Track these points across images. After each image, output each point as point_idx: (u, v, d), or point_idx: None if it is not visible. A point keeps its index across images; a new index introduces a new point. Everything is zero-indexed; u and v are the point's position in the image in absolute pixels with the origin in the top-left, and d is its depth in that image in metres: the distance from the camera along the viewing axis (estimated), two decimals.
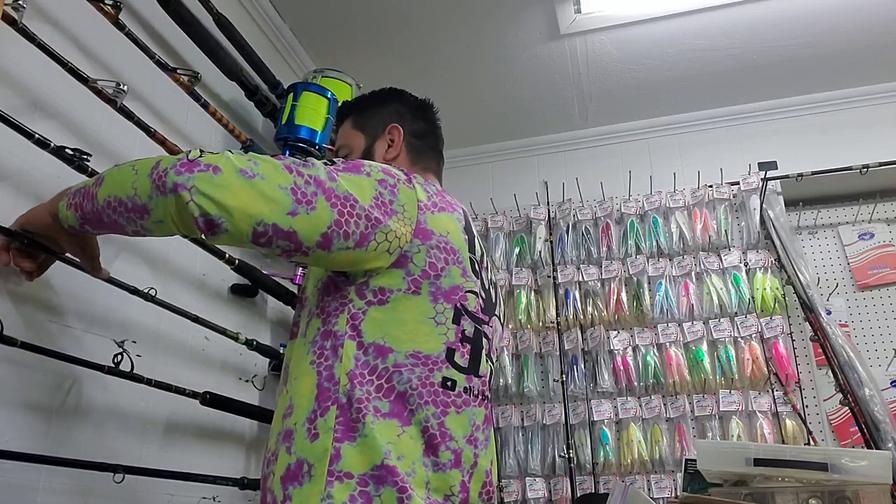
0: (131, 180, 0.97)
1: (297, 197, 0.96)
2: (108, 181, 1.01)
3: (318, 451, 0.95)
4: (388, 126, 1.32)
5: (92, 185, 1.04)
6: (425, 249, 1.06)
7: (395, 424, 0.98)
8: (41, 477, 1.30)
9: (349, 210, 1.00)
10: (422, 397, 1.01)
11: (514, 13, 2.49)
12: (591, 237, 2.90)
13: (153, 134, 1.64)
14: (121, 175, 1.00)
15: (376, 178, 1.05)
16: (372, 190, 1.04)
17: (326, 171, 1.01)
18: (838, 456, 1.54)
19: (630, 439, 2.59)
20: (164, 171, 0.93)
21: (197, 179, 0.91)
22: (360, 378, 0.99)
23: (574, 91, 2.91)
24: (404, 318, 1.03)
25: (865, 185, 2.80)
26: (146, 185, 0.94)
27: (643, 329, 2.73)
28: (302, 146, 2.22)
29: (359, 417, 0.96)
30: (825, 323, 2.50)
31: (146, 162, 0.98)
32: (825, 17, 2.51)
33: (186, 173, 0.91)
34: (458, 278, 1.09)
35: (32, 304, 1.34)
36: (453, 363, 1.06)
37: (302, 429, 0.98)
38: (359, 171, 1.05)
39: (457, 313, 1.08)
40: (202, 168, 0.92)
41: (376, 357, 1.01)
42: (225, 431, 1.93)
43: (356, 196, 1.01)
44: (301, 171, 0.98)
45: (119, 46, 1.62)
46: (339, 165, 1.05)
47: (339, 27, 2.56)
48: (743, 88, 2.90)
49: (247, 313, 2.13)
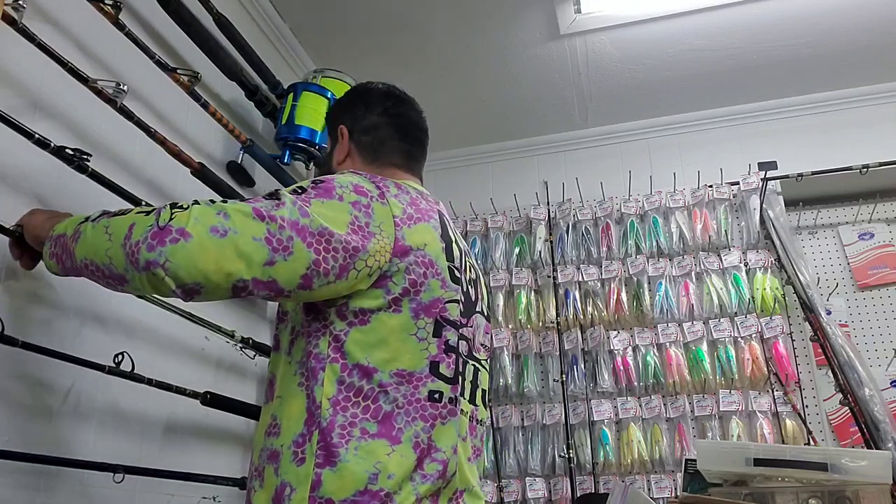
0: (105, 247, 0.94)
1: (273, 246, 0.93)
2: (83, 242, 0.98)
3: (300, 476, 0.95)
4: (339, 127, 1.31)
5: (70, 238, 1.01)
6: (404, 266, 1.04)
7: (385, 444, 0.98)
8: (41, 477, 1.30)
9: (325, 246, 0.97)
10: (409, 414, 1.01)
11: (514, 13, 2.49)
12: (591, 237, 2.90)
13: (153, 134, 1.64)
14: (95, 238, 0.96)
15: (349, 202, 1.03)
16: (346, 215, 1.01)
17: (298, 206, 0.98)
18: (838, 456, 1.55)
19: (630, 439, 2.59)
20: (136, 245, 0.90)
21: (169, 253, 0.88)
22: (345, 401, 0.99)
23: (574, 91, 2.91)
24: (386, 338, 1.02)
25: (865, 185, 2.80)
26: (120, 257, 0.92)
27: (643, 329, 2.73)
28: (302, 146, 2.22)
29: (340, 443, 0.96)
30: (825, 323, 2.50)
31: (119, 225, 0.94)
32: (825, 17, 2.51)
33: (158, 247, 0.88)
34: (437, 290, 1.07)
35: (33, 304, 1.34)
36: (439, 375, 1.05)
37: (288, 452, 0.98)
38: (330, 195, 1.02)
39: (437, 326, 1.07)
40: (173, 237, 0.88)
41: (361, 378, 1.00)
42: (225, 431, 1.93)
43: (331, 228, 0.98)
44: (273, 216, 0.94)
45: (119, 46, 1.62)
46: (310, 192, 1.02)
47: (339, 27, 2.56)
48: (743, 88, 2.90)
49: (247, 313, 2.13)
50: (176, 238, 0.88)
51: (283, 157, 2.22)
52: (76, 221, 1.03)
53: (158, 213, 0.92)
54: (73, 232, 1.01)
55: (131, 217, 0.95)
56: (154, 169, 1.74)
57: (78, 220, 1.04)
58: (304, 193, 1.02)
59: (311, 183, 1.05)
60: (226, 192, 1.94)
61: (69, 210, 1.45)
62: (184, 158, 1.75)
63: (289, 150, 2.23)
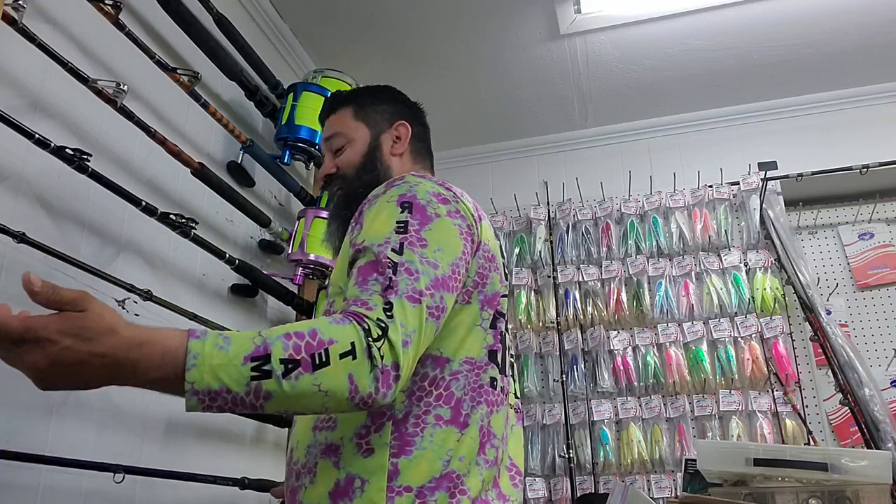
0: (321, 402, 0.85)
1: (435, 315, 0.96)
2: (282, 400, 0.83)
3: (372, 467, 0.96)
4: (396, 122, 1.29)
5: (247, 395, 0.80)
6: (475, 261, 1.08)
7: (454, 430, 1.00)
8: (41, 477, 1.30)
9: (458, 276, 1.02)
10: (474, 399, 1.04)
11: (514, 13, 2.49)
12: (591, 237, 2.90)
13: (153, 134, 1.64)
14: (303, 396, 0.84)
15: (447, 216, 1.05)
16: (453, 227, 1.04)
17: (423, 258, 0.97)
18: (838, 456, 1.54)
19: (630, 439, 2.59)
20: (369, 397, 0.87)
21: (395, 389, 0.90)
22: (419, 391, 1.01)
23: (574, 91, 2.92)
24: (456, 328, 1.05)
25: (865, 185, 2.80)
26: (345, 407, 0.88)
27: (643, 329, 2.73)
28: (302, 146, 2.22)
29: (416, 431, 0.98)
30: (825, 323, 2.50)
31: (333, 379, 0.84)
32: (825, 17, 2.51)
33: (388, 391, 0.88)
34: (497, 284, 1.12)
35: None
36: (496, 362, 1.09)
37: (350, 444, 0.98)
38: (431, 219, 1.02)
39: (495, 317, 1.11)
40: (395, 376, 0.89)
41: (434, 368, 1.03)
42: (225, 431, 1.93)
43: (455, 256, 1.02)
44: (421, 290, 0.94)
45: (119, 46, 1.62)
46: (413, 225, 1.00)
47: (339, 27, 2.56)
48: (743, 88, 2.90)
49: (246, 313, 2.13)
50: (397, 376, 0.90)
51: (283, 157, 2.22)
52: (232, 372, 0.79)
53: (370, 356, 0.86)
54: (249, 389, 0.80)
55: (340, 366, 0.85)
56: (154, 169, 1.74)
57: (230, 367, 0.79)
58: (409, 231, 1.00)
59: (398, 208, 1.03)
60: (226, 192, 1.94)
61: (70, 209, 1.45)
62: (184, 158, 1.75)
63: (289, 150, 2.23)
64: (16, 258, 1.30)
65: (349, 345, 0.85)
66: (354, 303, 0.92)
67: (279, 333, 0.83)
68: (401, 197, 1.05)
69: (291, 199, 2.46)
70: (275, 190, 2.37)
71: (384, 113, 1.31)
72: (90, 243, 1.52)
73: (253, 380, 0.79)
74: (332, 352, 0.84)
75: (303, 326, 0.85)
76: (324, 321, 0.87)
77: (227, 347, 0.80)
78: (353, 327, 0.86)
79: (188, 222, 1.68)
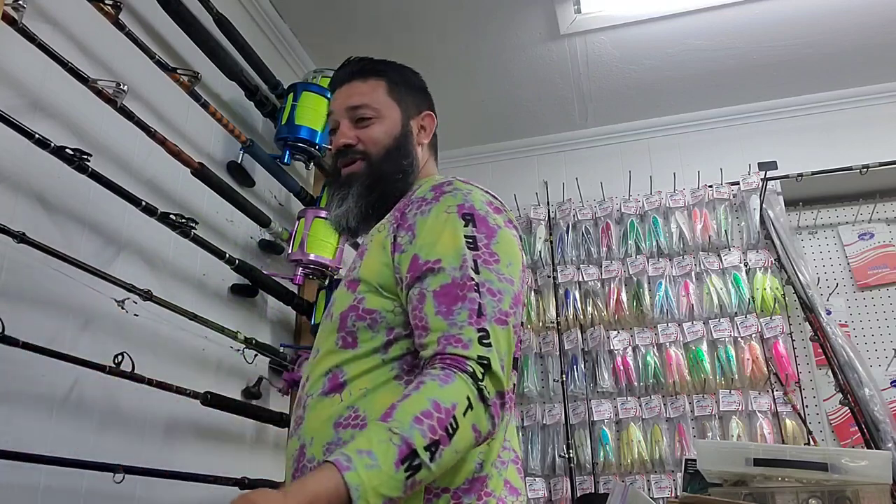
0: (453, 460, 0.90)
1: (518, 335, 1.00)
2: (430, 475, 0.86)
3: None
4: (424, 112, 1.24)
5: (406, 491, 0.84)
6: None
7: None
8: (41, 477, 1.30)
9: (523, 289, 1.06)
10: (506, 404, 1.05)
11: (514, 13, 2.49)
12: (591, 237, 2.90)
13: (153, 134, 1.64)
14: (447, 464, 0.88)
15: (504, 226, 1.06)
16: (515, 240, 1.06)
17: (501, 277, 0.98)
18: (838, 456, 1.54)
19: (630, 439, 2.59)
20: (488, 433, 0.91)
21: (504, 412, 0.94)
22: None
23: (574, 91, 2.91)
24: None
25: (865, 185, 2.80)
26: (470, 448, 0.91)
27: (643, 329, 2.73)
28: (302, 146, 2.22)
29: None
30: (825, 323, 2.50)
31: (463, 439, 0.88)
32: (825, 17, 2.51)
33: (499, 420, 0.93)
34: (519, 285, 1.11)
35: (33, 304, 1.34)
36: (516, 367, 1.09)
37: None
38: (494, 231, 1.03)
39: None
40: (502, 403, 0.93)
41: None
42: (225, 431, 1.93)
43: (520, 269, 1.04)
44: (507, 312, 0.97)
45: (119, 46, 1.62)
46: (481, 240, 1.00)
47: (339, 27, 2.56)
48: (743, 88, 2.90)
49: (247, 313, 2.13)
50: (503, 403, 0.93)
51: (283, 157, 2.22)
52: (391, 483, 0.82)
53: (482, 398, 0.89)
54: (406, 486, 0.83)
55: (466, 423, 0.88)
56: (154, 169, 1.74)
57: (388, 481, 0.82)
58: (479, 247, 1.00)
59: (461, 220, 1.01)
60: (226, 192, 1.94)
61: (70, 209, 1.45)
62: (184, 158, 1.75)
63: (289, 150, 2.23)
64: (16, 258, 1.30)
65: (466, 400, 0.88)
66: (447, 340, 0.91)
67: (407, 421, 0.84)
68: (460, 208, 1.03)
69: (291, 199, 2.46)
70: (275, 190, 2.37)
71: (415, 98, 1.25)
72: (90, 243, 1.52)
73: (408, 478, 0.83)
74: (458, 415, 0.87)
75: (421, 403, 0.86)
76: (433, 386, 0.87)
77: (376, 463, 0.81)
78: (461, 381, 0.88)
79: (188, 222, 1.68)
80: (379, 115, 1.19)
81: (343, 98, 1.21)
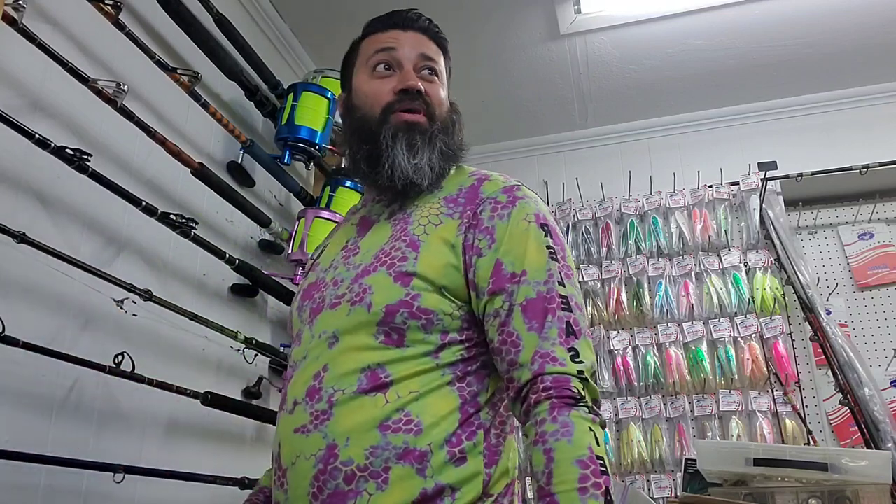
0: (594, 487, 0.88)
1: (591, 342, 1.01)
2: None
3: (465, 476, 0.92)
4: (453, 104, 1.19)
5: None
6: None
7: (514, 437, 1.03)
8: (41, 477, 1.30)
9: None
10: None
11: (514, 13, 2.49)
12: (591, 237, 2.90)
13: (153, 134, 1.64)
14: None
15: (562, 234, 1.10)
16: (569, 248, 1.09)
17: (576, 287, 1.01)
18: (838, 456, 1.54)
19: (630, 439, 2.59)
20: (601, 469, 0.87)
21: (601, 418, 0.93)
22: (498, 402, 1.01)
23: (574, 91, 2.91)
24: None
25: (865, 185, 2.80)
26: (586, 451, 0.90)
27: (643, 329, 2.73)
28: (302, 146, 2.22)
29: (499, 441, 0.98)
30: (825, 323, 2.50)
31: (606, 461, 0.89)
32: (825, 17, 2.51)
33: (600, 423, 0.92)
34: None
35: (33, 304, 1.34)
36: None
37: (441, 451, 0.92)
38: (563, 242, 1.05)
39: None
40: (599, 403, 0.94)
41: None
42: (225, 431, 1.93)
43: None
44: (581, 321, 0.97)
45: (119, 46, 1.62)
46: (559, 252, 1.01)
47: (339, 27, 2.55)
48: (743, 88, 2.90)
49: (247, 313, 2.13)
50: (600, 403, 0.94)
51: (283, 157, 2.22)
52: None
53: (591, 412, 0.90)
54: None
55: (602, 448, 0.89)
56: (154, 169, 1.74)
57: None
58: (559, 259, 1.01)
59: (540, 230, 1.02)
60: (226, 192, 1.94)
61: (70, 209, 1.45)
62: (184, 158, 1.75)
63: (289, 150, 2.22)
64: (16, 258, 1.30)
65: (590, 432, 0.87)
66: (543, 358, 0.91)
67: (572, 492, 0.83)
68: (537, 217, 1.03)
69: (291, 199, 2.46)
70: (275, 190, 2.37)
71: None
72: (90, 243, 1.52)
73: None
74: (597, 451, 0.86)
75: (568, 470, 0.84)
76: (563, 447, 0.86)
77: None
78: (576, 418, 0.88)
79: (188, 222, 1.68)
80: (442, 81, 1.16)
81: (416, 42, 1.16)
